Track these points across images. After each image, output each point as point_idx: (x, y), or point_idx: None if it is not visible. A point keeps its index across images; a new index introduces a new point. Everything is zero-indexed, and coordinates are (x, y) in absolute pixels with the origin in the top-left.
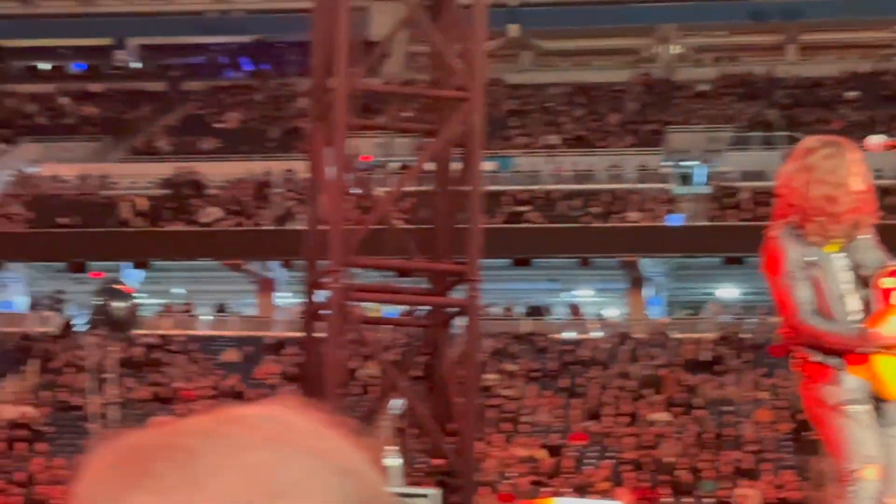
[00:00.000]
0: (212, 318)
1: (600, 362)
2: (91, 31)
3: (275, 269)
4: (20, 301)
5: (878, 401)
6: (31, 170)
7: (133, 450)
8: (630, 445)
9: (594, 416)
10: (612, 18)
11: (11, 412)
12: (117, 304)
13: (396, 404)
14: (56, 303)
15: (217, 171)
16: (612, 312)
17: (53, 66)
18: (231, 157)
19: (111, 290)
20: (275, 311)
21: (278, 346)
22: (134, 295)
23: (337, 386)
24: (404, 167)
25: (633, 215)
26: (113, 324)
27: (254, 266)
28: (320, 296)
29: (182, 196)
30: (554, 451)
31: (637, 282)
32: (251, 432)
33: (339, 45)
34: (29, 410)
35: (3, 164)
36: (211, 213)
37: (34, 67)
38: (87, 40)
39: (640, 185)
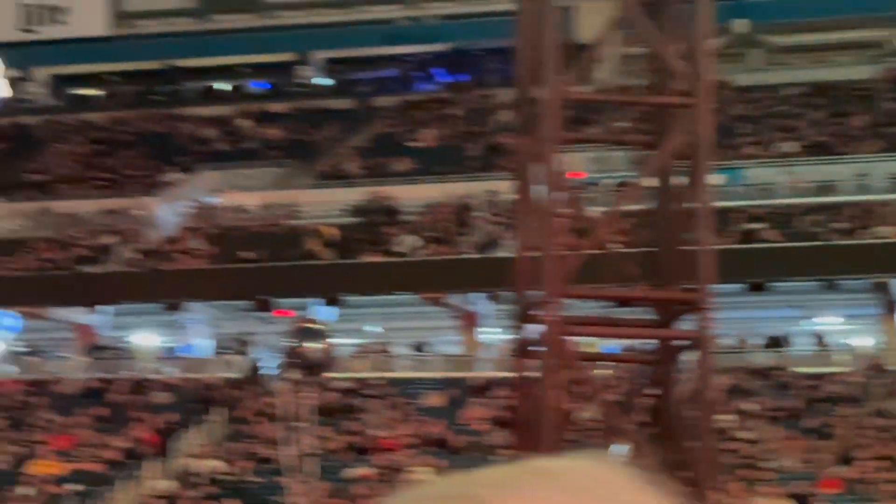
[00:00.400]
0: (411, 358)
1: (852, 399)
2: (272, 46)
3: (479, 302)
4: (202, 344)
5: None
6: (210, 200)
7: (424, 500)
8: (890, 493)
9: (847, 460)
10: (854, 8)
11: (199, 466)
12: (311, 346)
13: (620, 451)
14: (241, 345)
15: (412, 195)
16: (864, 341)
17: (232, 86)
18: (427, 178)
19: (304, 330)
20: (480, 349)
21: (485, 388)
22: (329, 335)
23: (553, 431)
24: (622, 184)
25: (884, 230)
26: (307, 367)
27: (456, 299)
28: (532, 330)
29: (375, 224)
30: (802, 500)
31: (891, 306)
32: (551, 484)
33: (546, 51)
34: (217, 464)
35: (181, 194)
36: (407, 242)
37: (211, 88)
38: (268, 56)
39: (891, 196)
